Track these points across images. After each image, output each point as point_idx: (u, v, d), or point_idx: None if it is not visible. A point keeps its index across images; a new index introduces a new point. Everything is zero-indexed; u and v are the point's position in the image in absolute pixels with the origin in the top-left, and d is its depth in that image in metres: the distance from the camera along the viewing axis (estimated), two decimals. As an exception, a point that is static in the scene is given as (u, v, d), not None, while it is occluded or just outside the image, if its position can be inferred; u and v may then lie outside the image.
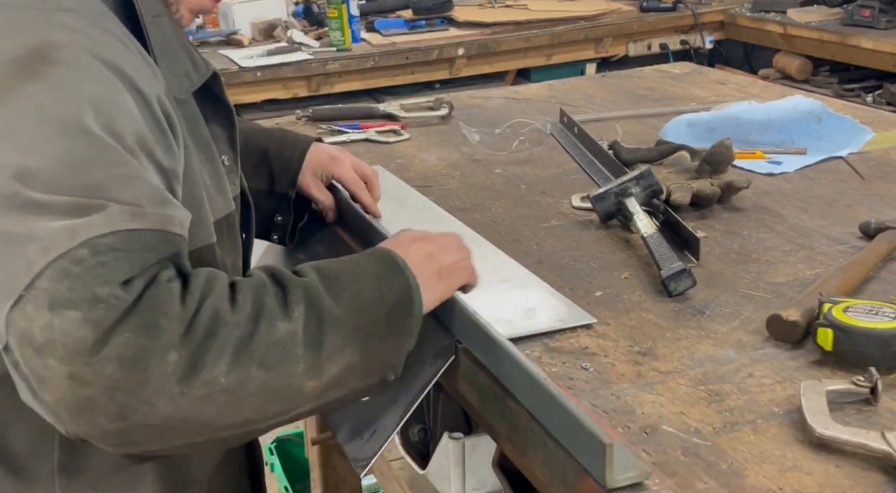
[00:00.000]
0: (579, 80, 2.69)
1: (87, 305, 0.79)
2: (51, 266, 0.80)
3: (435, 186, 1.62)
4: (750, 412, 0.96)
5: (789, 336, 1.07)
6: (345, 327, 0.92)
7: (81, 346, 0.79)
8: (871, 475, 0.85)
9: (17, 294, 0.79)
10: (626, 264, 1.30)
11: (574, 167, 1.71)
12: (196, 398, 0.83)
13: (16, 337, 0.80)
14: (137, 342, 0.80)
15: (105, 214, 0.83)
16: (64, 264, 0.80)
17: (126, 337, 0.80)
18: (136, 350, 0.80)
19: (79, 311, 0.79)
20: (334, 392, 0.93)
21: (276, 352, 0.87)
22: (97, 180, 0.84)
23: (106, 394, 0.80)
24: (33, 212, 0.81)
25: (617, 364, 1.05)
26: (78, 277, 0.80)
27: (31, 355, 0.79)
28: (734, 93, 2.17)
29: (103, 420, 0.81)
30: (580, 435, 0.85)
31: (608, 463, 0.81)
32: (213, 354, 0.84)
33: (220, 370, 0.84)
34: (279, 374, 0.87)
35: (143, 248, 0.84)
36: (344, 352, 0.92)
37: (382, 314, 0.95)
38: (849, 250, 1.31)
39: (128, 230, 0.83)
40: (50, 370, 0.79)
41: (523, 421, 0.95)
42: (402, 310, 0.97)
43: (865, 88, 3.62)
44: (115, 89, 0.90)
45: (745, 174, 1.57)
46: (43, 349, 0.79)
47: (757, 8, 4.04)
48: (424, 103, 2.09)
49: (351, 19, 3.58)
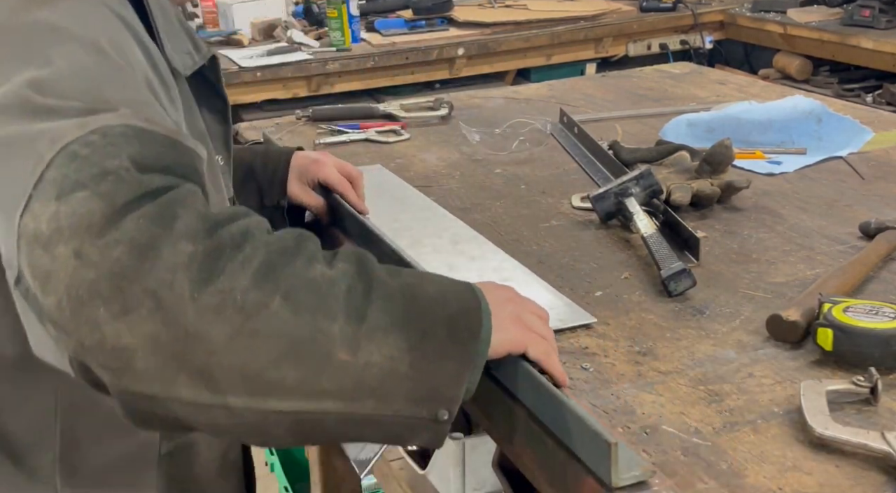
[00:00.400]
0: (579, 81, 2.69)
1: (96, 180, 0.74)
2: (60, 154, 0.75)
3: (435, 186, 1.62)
4: (750, 411, 0.96)
5: (789, 336, 1.07)
6: (396, 307, 0.80)
7: (89, 221, 0.73)
8: (871, 475, 0.85)
9: (27, 196, 0.75)
10: (626, 264, 1.30)
11: (574, 167, 1.71)
12: (206, 308, 0.73)
13: (24, 247, 0.74)
14: (151, 230, 0.73)
15: (117, 113, 0.79)
16: (73, 147, 0.76)
17: (139, 222, 0.73)
18: (149, 237, 0.73)
19: (87, 189, 0.74)
20: (372, 401, 0.79)
21: (307, 292, 0.77)
22: (109, 95, 0.81)
23: (111, 280, 0.72)
24: (45, 115, 0.78)
25: (617, 364, 1.05)
26: (87, 157, 0.75)
27: (39, 256, 0.73)
28: (734, 93, 2.17)
29: (104, 315, 0.73)
30: (584, 435, 0.85)
31: (613, 463, 0.81)
32: (234, 264, 0.75)
33: (239, 284, 0.74)
34: (306, 322, 0.76)
35: (157, 143, 0.79)
36: (389, 338, 0.79)
37: (443, 317, 0.82)
38: (849, 250, 1.31)
39: (141, 128, 0.79)
40: (56, 260, 0.73)
41: (523, 421, 0.95)
42: (468, 325, 0.84)
43: (865, 87, 3.62)
44: (123, 33, 0.89)
45: (745, 174, 1.57)
46: (50, 241, 0.73)
47: (757, 8, 4.04)
48: (424, 103, 2.09)
49: (351, 19, 3.58)
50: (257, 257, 0.76)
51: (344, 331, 0.77)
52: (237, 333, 0.74)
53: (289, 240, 0.80)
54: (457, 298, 0.85)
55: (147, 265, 0.73)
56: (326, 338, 0.76)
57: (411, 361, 0.79)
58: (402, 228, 1.40)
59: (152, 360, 0.74)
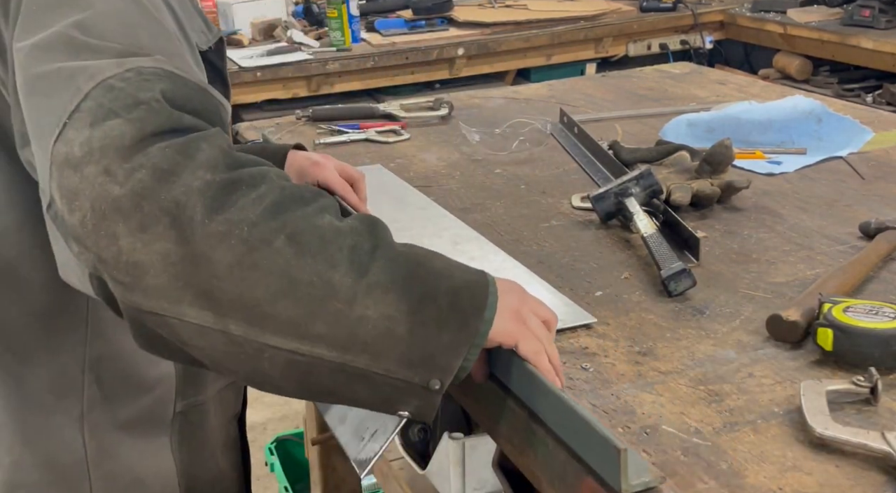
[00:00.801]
0: (579, 81, 2.69)
1: (128, 109, 0.79)
2: (97, 87, 0.80)
3: (435, 186, 1.62)
4: (750, 412, 0.96)
5: (789, 336, 1.07)
6: (399, 268, 0.82)
7: (119, 143, 0.77)
8: (871, 475, 0.85)
9: (62, 123, 0.79)
10: (626, 264, 1.30)
11: (574, 167, 1.71)
12: (213, 233, 0.77)
13: (56, 171, 0.79)
14: (175, 158, 0.78)
15: (152, 58, 0.84)
16: (110, 81, 0.81)
17: (165, 151, 0.78)
18: (172, 164, 0.78)
19: (119, 117, 0.79)
20: (365, 356, 0.81)
21: (312, 238, 0.80)
22: (145, 42, 0.86)
23: (132, 198, 0.77)
24: (86, 52, 0.83)
25: (617, 364, 1.05)
26: (122, 89, 0.80)
27: (69, 176, 0.78)
28: (734, 93, 2.17)
29: (122, 229, 0.77)
30: (592, 440, 0.84)
31: (623, 469, 0.81)
32: (247, 199, 0.79)
33: (247, 217, 0.78)
34: (307, 265, 0.79)
35: (187, 87, 0.84)
36: (388, 297, 0.80)
37: (446, 288, 0.84)
38: (849, 250, 1.31)
39: (173, 72, 0.84)
40: (85, 178, 0.77)
41: (523, 421, 0.95)
42: (472, 301, 0.85)
43: (865, 88, 3.62)
44: None
45: (745, 174, 1.57)
46: (81, 162, 0.78)
47: (757, 8, 4.04)
48: (424, 103, 2.09)
49: (351, 19, 3.58)
50: (270, 196, 0.80)
51: (343, 281, 0.79)
52: (238, 263, 0.77)
53: (305, 190, 0.84)
54: (464, 275, 0.87)
55: (166, 188, 0.77)
56: (324, 284, 0.79)
57: (409, 324, 0.81)
58: (401, 229, 1.40)
59: (162, 277, 0.78)
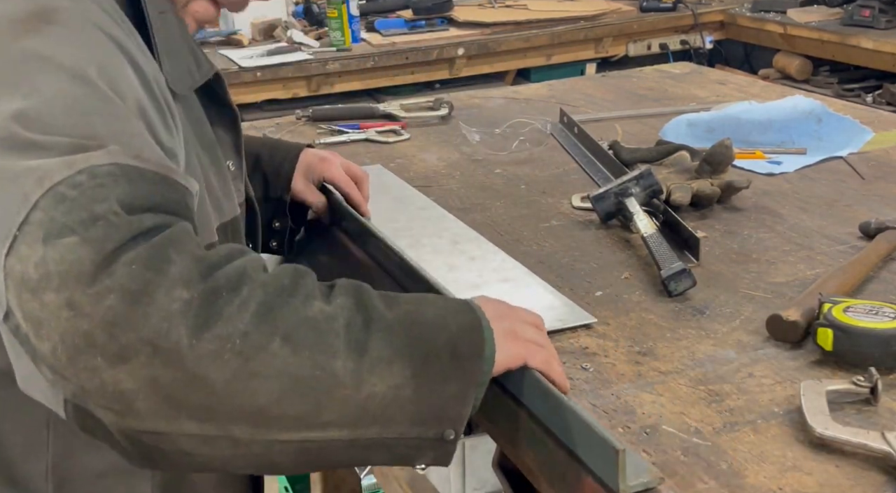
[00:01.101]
0: (579, 81, 2.69)
1: (84, 225, 0.72)
2: (46, 195, 0.73)
3: (435, 186, 1.62)
4: (750, 411, 0.96)
5: (789, 336, 1.07)
6: (396, 336, 0.80)
7: (78, 269, 0.71)
8: (871, 475, 0.85)
9: (12, 236, 0.72)
10: (626, 264, 1.30)
11: (574, 167, 1.71)
12: (204, 353, 0.72)
13: (13, 288, 0.72)
14: (145, 275, 0.72)
15: (106, 151, 0.77)
16: (60, 189, 0.73)
17: (132, 268, 0.72)
18: (142, 283, 0.71)
19: (75, 234, 0.72)
20: (376, 427, 0.79)
21: (307, 331, 0.76)
22: (97, 129, 0.79)
23: (105, 329, 0.71)
24: (31, 151, 0.76)
25: (617, 364, 1.05)
26: (74, 200, 0.73)
27: (27, 300, 0.71)
28: (734, 93, 2.17)
29: (102, 363, 0.71)
30: (591, 441, 0.84)
31: (621, 470, 0.81)
32: (232, 308, 0.74)
33: (236, 329, 0.73)
34: (306, 360, 0.75)
35: (146, 181, 0.77)
36: (393, 368, 0.78)
37: (445, 340, 0.82)
38: (849, 250, 1.31)
39: (130, 165, 0.77)
40: (46, 307, 0.71)
41: (523, 421, 0.95)
42: (470, 345, 0.84)
43: (865, 88, 3.62)
44: (116, 57, 0.87)
45: (745, 174, 1.57)
46: (38, 287, 0.71)
47: (757, 8, 4.04)
48: (424, 103, 2.09)
49: (351, 19, 3.58)
50: (255, 298, 0.75)
51: (346, 366, 0.77)
52: (235, 376, 0.74)
53: (285, 278, 0.79)
54: (456, 319, 0.85)
55: (141, 313, 0.71)
56: (328, 374, 0.76)
57: (415, 386, 0.80)
58: (401, 228, 1.40)
59: (154, 400, 0.73)
